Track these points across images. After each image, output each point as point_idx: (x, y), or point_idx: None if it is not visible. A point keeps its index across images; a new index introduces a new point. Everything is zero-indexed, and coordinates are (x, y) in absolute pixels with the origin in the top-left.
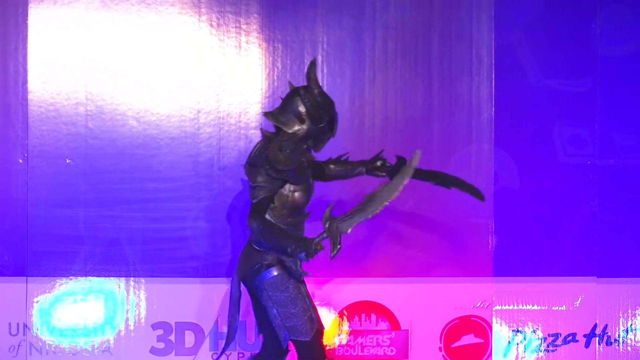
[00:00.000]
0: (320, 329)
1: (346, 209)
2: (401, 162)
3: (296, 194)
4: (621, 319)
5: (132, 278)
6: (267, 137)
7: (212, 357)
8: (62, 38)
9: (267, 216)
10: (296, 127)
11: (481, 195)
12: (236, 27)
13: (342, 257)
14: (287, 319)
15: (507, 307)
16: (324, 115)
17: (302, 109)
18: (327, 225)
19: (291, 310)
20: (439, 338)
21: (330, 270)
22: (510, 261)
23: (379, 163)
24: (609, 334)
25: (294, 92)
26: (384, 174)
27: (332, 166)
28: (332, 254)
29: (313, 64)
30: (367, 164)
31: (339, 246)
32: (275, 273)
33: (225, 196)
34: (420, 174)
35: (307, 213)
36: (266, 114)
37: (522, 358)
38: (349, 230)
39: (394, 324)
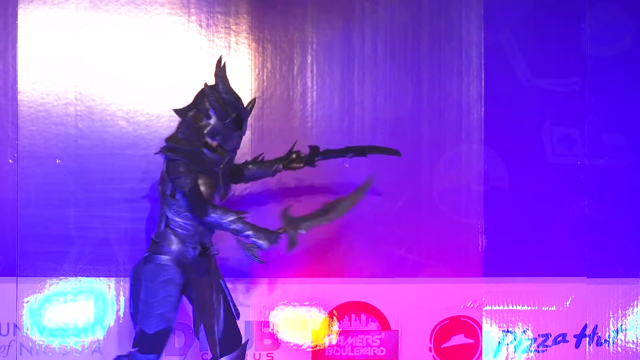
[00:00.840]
0: (167, 332)
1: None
2: (314, 150)
3: (204, 188)
4: (611, 319)
5: (122, 278)
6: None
7: (203, 358)
8: (52, 38)
9: (170, 214)
10: (202, 123)
11: (397, 152)
12: (225, 27)
13: (332, 256)
14: (144, 307)
15: (497, 307)
16: (229, 112)
17: (207, 105)
18: (285, 223)
19: (149, 299)
20: (429, 338)
21: (319, 270)
22: (500, 261)
23: (294, 156)
24: (599, 334)
25: (202, 90)
26: (301, 164)
27: (250, 166)
28: (289, 248)
29: (220, 61)
30: (282, 160)
31: (296, 243)
32: (154, 262)
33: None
34: (334, 153)
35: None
36: (175, 111)
37: (512, 358)
38: (306, 231)
39: (384, 324)
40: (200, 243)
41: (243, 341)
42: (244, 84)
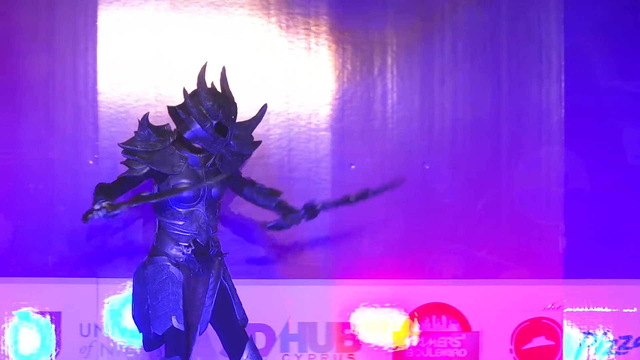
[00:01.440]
0: (179, 330)
1: None
2: (311, 210)
3: (182, 188)
4: None
5: None
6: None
7: (283, 359)
8: (132, 39)
9: (159, 213)
10: (183, 126)
11: (397, 182)
12: (305, 28)
13: (413, 258)
14: (151, 309)
15: (577, 309)
16: (209, 119)
17: (186, 109)
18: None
19: (152, 302)
20: (509, 340)
21: (400, 271)
22: (580, 263)
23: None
24: None
25: (184, 97)
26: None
27: (255, 186)
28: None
29: (204, 67)
30: (288, 209)
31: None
32: (152, 263)
33: (295, 197)
34: (334, 203)
35: (192, 208)
36: (169, 108)
37: None
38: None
39: (464, 325)
40: (193, 242)
41: (247, 342)
42: (324, 85)
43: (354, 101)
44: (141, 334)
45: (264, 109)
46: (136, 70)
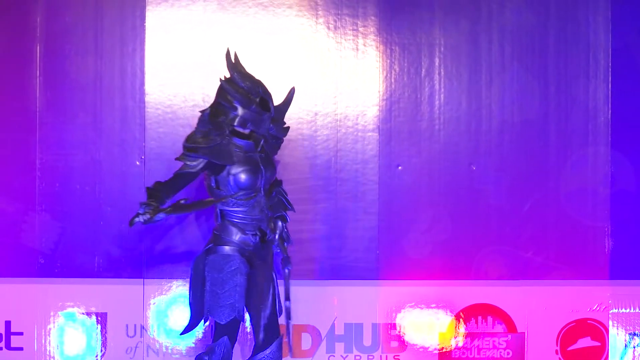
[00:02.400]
0: (238, 320)
1: None
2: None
3: (241, 176)
4: None
5: None
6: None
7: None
8: (180, 40)
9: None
10: (231, 115)
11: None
12: (353, 29)
13: (459, 258)
14: (212, 297)
15: (623, 310)
16: (252, 97)
17: (229, 97)
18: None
19: (217, 290)
20: (555, 341)
21: (446, 272)
22: (626, 264)
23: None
24: None
25: (220, 86)
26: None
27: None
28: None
29: (228, 53)
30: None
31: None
32: (218, 252)
33: (343, 198)
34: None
35: (255, 194)
36: (203, 112)
37: None
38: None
39: (510, 326)
40: (259, 229)
41: (278, 338)
42: (372, 86)
43: (401, 102)
44: (189, 320)
45: (292, 91)
46: (184, 71)
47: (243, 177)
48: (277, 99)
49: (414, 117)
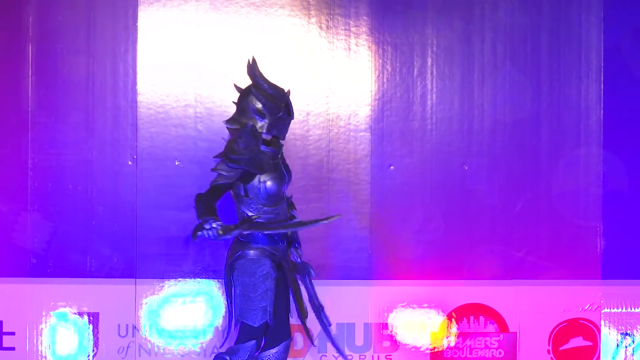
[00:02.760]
0: (268, 324)
1: None
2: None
3: (268, 183)
4: None
5: None
6: (231, 132)
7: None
8: (172, 40)
9: (248, 211)
10: (260, 123)
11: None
12: (345, 29)
13: (451, 258)
14: (244, 301)
15: (615, 310)
16: (279, 104)
17: (258, 105)
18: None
19: (250, 294)
20: (547, 340)
21: (438, 272)
22: (618, 264)
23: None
24: None
25: (247, 92)
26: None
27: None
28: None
29: (254, 60)
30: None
31: (229, 235)
32: (248, 257)
33: (335, 198)
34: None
35: (280, 200)
36: (227, 122)
37: None
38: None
39: (502, 326)
40: (285, 235)
41: (287, 340)
42: (364, 86)
43: (393, 102)
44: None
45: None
46: (176, 71)
47: (270, 184)
48: None
49: (406, 116)
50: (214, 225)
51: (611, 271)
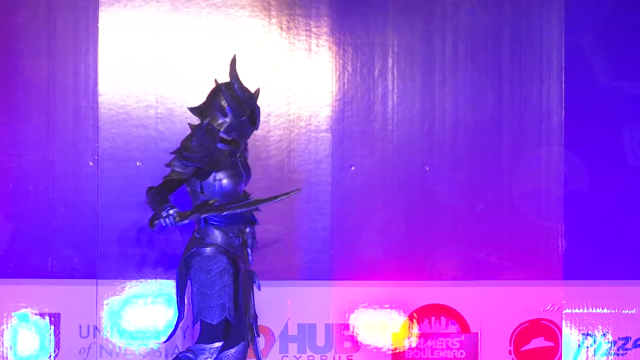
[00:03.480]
0: (229, 321)
1: None
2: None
3: (224, 181)
4: None
5: None
6: (191, 128)
7: None
8: (133, 41)
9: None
10: (220, 121)
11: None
12: (306, 30)
13: (412, 259)
14: (202, 299)
15: (577, 310)
16: (245, 108)
17: (223, 103)
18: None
19: (207, 291)
20: (508, 341)
21: (399, 272)
22: (580, 264)
23: None
24: None
25: (217, 88)
26: None
27: None
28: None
29: (234, 60)
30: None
31: (186, 220)
32: (204, 254)
33: (295, 199)
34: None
35: (237, 198)
36: (191, 109)
37: None
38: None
39: (464, 326)
40: (240, 232)
41: (242, 343)
42: (325, 87)
43: (354, 102)
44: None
45: (257, 91)
46: (137, 71)
47: (226, 182)
48: None
49: (367, 117)
50: (170, 212)
51: (573, 271)
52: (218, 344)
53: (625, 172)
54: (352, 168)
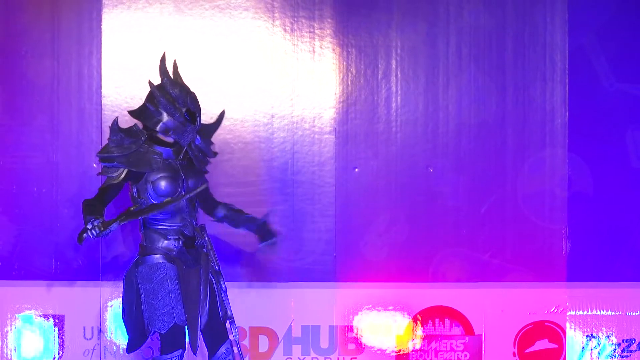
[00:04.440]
0: (180, 326)
1: None
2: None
3: (162, 183)
4: None
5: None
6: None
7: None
8: (136, 42)
9: None
10: (154, 120)
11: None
12: (310, 31)
13: (416, 261)
14: (149, 309)
15: (581, 312)
16: (178, 106)
17: (156, 102)
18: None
19: (151, 301)
20: (512, 343)
21: (403, 274)
22: (584, 266)
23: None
24: None
25: (150, 89)
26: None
27: (227, 206)
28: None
29: (163, 57)
30: (259, 225)
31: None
32: (146, 263)
33: (299, 201)
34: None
35: (171, 199)
36: (130, 112)
37: None
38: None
39: (467, 328)
40: (181, 234)
41: (226, 341)
42: (328, 89)
43: (358, 104)
44: (127, 335)
45: (222, 115)
46: (140, 73)
47: (162, 183)
48: (236, 106)
49: (370, 119)
50: (95, 223)
51: (576, 273)
52: (177, 352)
53: (629, 174)
54: (356, 170)
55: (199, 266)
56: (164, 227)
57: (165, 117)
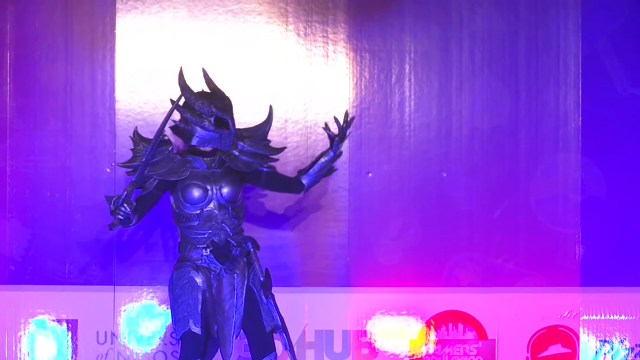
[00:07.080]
0: (192, 332)
1: None
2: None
3: (187, 190)
4: None
5: None
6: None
7: None
8: (150, 47)
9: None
10: (188, 136)
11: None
12: (323, 36)
13: (430, 265)
14: (172, 313)
15: (594, 317)
16: (206, 117)
17: (185, 120)
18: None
19: (174, 305)
20: (526, 348)
21: (417, 279)
22: (597, 271)
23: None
24: None
25: (175, 106)
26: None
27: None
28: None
29: (181, 73)
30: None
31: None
32: (176, 270)
33: (313, 205)
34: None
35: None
36: (172, 129)
37: None
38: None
39: (481, 333)
40: (211, 242)
41: (271, 353)
42: (342, 93)
43: (371, 109)
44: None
45: (270, 111)
46: (154, 78)
47: (189, 191)
48: (251, 110)
49: (384, 123)
50: (118, 204)
51: (590, 278)
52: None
53: None
54: (370, 174)
55: (234, 275)
56: (194, 236)
57: (196, 130)
